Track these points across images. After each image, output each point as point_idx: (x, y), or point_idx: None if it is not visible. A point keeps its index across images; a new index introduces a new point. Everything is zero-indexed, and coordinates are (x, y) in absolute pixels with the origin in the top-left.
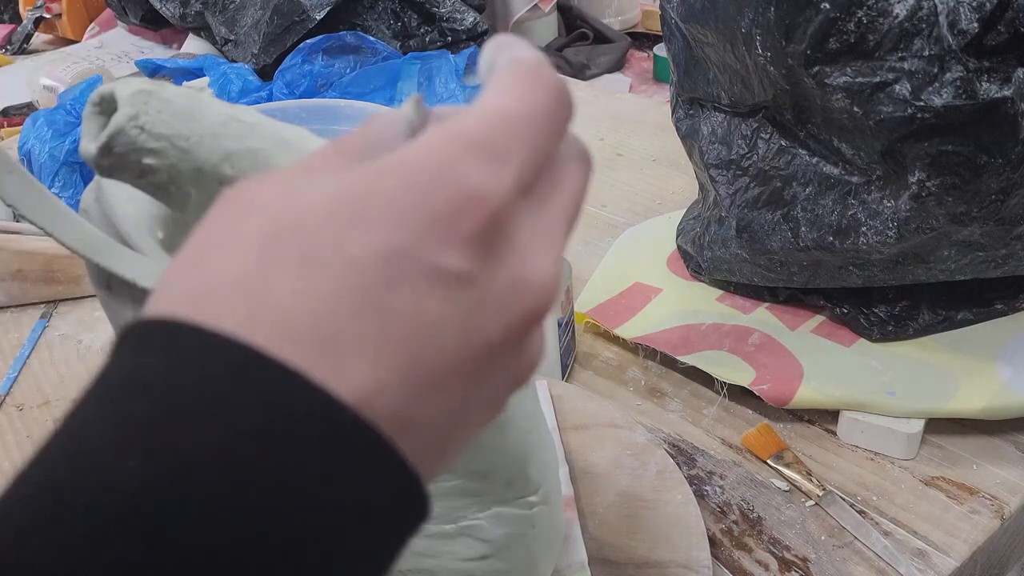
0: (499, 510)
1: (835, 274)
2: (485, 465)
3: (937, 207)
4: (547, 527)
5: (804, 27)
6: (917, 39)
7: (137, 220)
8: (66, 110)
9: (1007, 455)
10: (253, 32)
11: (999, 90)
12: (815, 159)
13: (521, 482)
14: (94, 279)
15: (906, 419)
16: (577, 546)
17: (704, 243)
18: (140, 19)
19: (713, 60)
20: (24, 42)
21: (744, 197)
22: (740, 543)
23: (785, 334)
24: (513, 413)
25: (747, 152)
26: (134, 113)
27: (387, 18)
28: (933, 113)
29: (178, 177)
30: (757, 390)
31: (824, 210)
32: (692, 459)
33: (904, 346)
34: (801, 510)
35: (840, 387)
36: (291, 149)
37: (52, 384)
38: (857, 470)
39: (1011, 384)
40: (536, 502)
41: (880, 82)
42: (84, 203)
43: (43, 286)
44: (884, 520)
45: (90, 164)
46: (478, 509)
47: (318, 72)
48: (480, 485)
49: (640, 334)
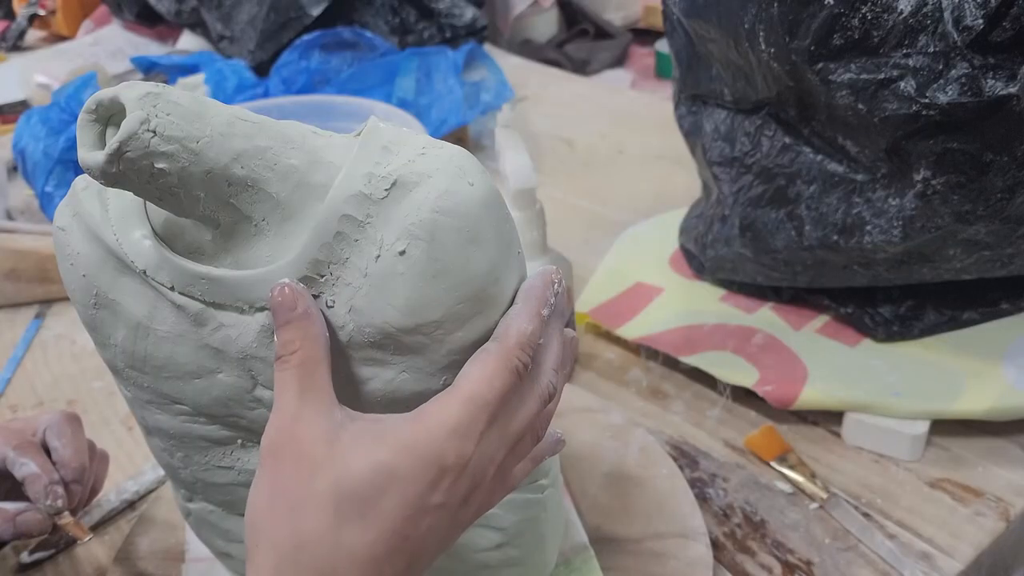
0: (512, 496)
1: (839, 273)
2: None
3: (942, 205)
4: (556, 510)
5: (808, 23)
6: (922, 35)
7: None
8: (60, 107)
9: (1013, 456)
10: (249, 28)
11: (1004, 87)
12: (819, 157)
13: None
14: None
15: (911, 420)
16: (576, 529)
17: (707, 242)
18: (135, 15)
19: (716, 56)
20: (18, 39)
21: (747, 195)
22: (743, 546)
23: (789, 334)
24: None
25: (750, 149)
26: (145, 116)
27: (385, 14)
28: (938, 110)
29: (188, 180)
30: (761, 391)
31: (828, 208)
32: (695, 461)
33: (909, 346)
34: (805, 513)
35: (845, 388)
36: (296, 147)
37: (46, 385)
38: (862, 472)
39: (1016, 385)
40: (547, 485)
41: (885, 79)
42: (60, 222)
43: (37, 285)
44: (889, 523)
45: (93, 173)
46: None
47: (315, 68)
48: None
49: (642, 334)
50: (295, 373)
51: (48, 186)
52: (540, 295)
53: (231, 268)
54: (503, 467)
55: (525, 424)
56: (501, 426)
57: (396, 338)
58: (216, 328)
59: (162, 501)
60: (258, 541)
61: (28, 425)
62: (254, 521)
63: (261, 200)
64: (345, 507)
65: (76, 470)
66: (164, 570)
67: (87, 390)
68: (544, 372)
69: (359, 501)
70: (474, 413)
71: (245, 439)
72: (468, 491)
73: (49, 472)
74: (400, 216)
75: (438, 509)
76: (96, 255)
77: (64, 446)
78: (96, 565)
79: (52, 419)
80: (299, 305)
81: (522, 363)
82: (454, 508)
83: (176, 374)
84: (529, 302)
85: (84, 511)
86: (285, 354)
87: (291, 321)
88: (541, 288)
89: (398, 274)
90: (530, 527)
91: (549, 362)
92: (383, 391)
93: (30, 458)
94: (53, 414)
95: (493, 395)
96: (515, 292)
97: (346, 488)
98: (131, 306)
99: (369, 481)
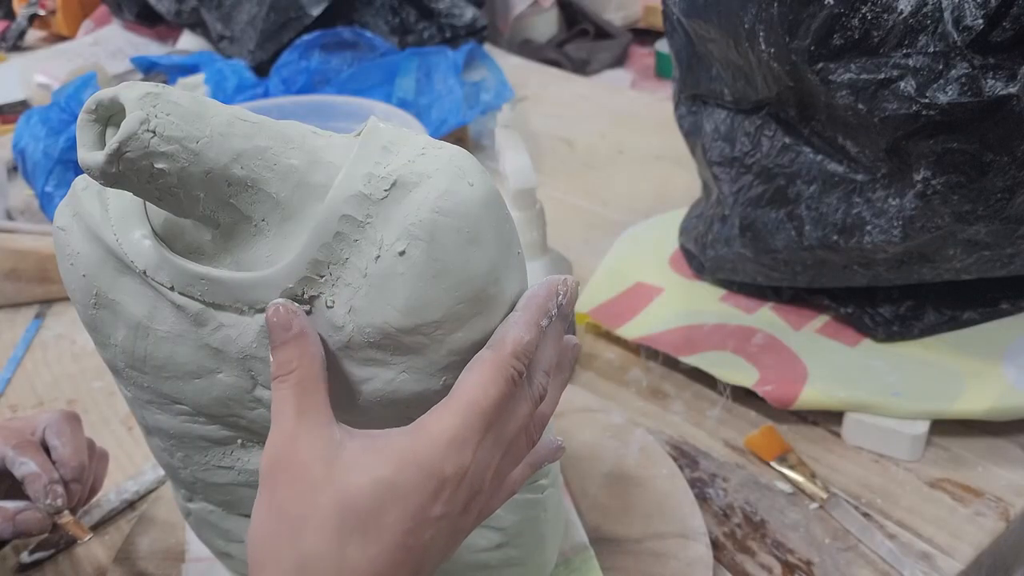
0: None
1: (839, 273)
2: None
3: (942, 205)
4: (556, 510)
5: (808, 23)
6: (922, 35)
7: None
8: (60, 107)
9: (1013, 456)
10: (249, 28)
11: (1004, 87)
12: (819, 157)
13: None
14: (80, 297)
15: (911, 420)
16: (576, 529)
17: (707, 242)
18: (135, 15)
19: (716, 56)
20: (18, 39)
21: (747, 195)
22: (743, 546)
23: (789, 334)
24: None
25: (750, 149)
26: (144, 116)
27: (385, 14)
28: (938, 110)
29: (188, 180)
30: (761, 391)
31: (828, 208)
32: (695, 461)
33: (909, 346)
34: (805, 513)
35: (845, 388)
36: (295, 147)
37: (46, 385)
38: (862, 472)
39: (1017, 385)
40: (547, 485)
41: (885, 79)
42: (60, 222)
43: (37, 285)
44: (889, 523)
45: (93, 173)
46: None
47: (315, 68)
48: None
49: (642, 335)
50: (293, 392)
51: (48, 186)
52: (541, 304)
53: (231, 268)
54: (499, 472)
55: (519, 427)
56: (496, 432)
57: (396, 338)
58: (216, 328)
59: (162, 501)
60: (263, 562)
61: (27, 424)
62: (257, 542)
63: (261, 200)
64: (347, 524)
65: (76, 469)
66: (164, 570)
67: (87, 390)
68: (536, 373)
69: (361, 517)
70: (470, 423)
71: (245, 439)
72: (467, 499)
73: (49, 471)
74: (400, 216)
75: (439, 520)
76: (96, 255)
77: (63, 445)
78: (96, 565)
79: (51, 418)
80: (294, 325)
81: (517, 371)
82: (455, 517)
83: (176, 374)
84: (528, 310)
85: (84, 511)
86: (282, 374)
87: (287, 342)
88: (543, 298)
89: (398, 274)
90: (530, 527)
91: (542, 363)
92: (383, 391)
93: (30, 457)
94: (52, 413)
95: (488, 403)
96: (515, 292)
97: (347, 505)
98: (131, 306)
99: (370, 496)
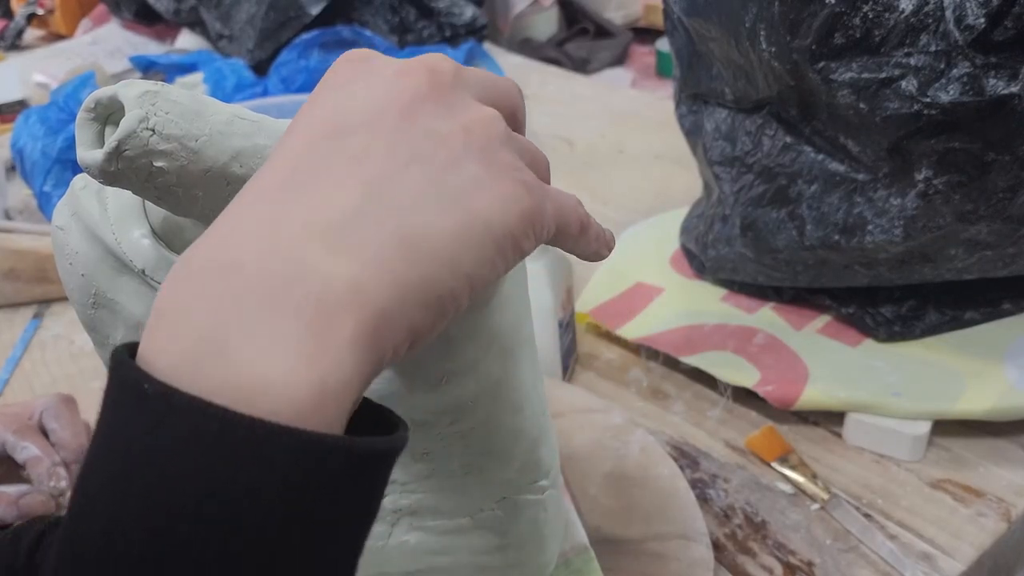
0: (514, 498)
1: (841, 273)
2: (500, 445)
3: (944, 205)
4: (556, 511)
5: (809, 22)
6: (923, 34)
7: (122, 215)
8: (59, 107)
9: (1014, 457)
10: (248, 27)
11: (1006, 86)
12: (821, 156)
13: (533, 466)
14: (79, 297)
15: (912, 420)
16: (576, 529)
17: (708, 242)
18: (134, 14)
19: (717, 55)
20: (16, 38)
21: (748, 195)
22: (744, 547)
23: (790, 334)
24: (529, 395)
25: (751, 149)
26: (143, 115)
27: (384, 12)
28: (940, 110)
29: (187, 179)
30: (762, 392)
31: (830, 208)
32: (695, 462)
33: (910, 346)
34: (806, 513)
35: (846, 388)
36: None
37: (44, 385)
38: (863, 472)
39: (1018, 385)
40: (547, 486)
41: (886, 78)
42: (59, 221)
43: (35, 285)
44: (890, 523)
45: (92, 172)
46: (492, 499)
47: (314, 67)
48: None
49: (642, 335)
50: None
51: (46, 185)
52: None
53: None
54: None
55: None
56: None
57: None
58: None
59: None
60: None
61: (25, 409)
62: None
63: None
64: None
65: (76, 451)
66: None
67: (86, 390)
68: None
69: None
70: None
71: None
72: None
73: (50, 454)
74: None
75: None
76: (95, 254)
77: (62, 428)
78: None
79: (48, 402)
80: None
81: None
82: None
83: None
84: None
85: None
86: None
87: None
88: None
89: None
90: (530, 529)
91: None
92: (381, 391)
93: (31, 441)
94: (49, 397)
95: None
96: (514, 289)
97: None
98: (130, 306)
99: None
